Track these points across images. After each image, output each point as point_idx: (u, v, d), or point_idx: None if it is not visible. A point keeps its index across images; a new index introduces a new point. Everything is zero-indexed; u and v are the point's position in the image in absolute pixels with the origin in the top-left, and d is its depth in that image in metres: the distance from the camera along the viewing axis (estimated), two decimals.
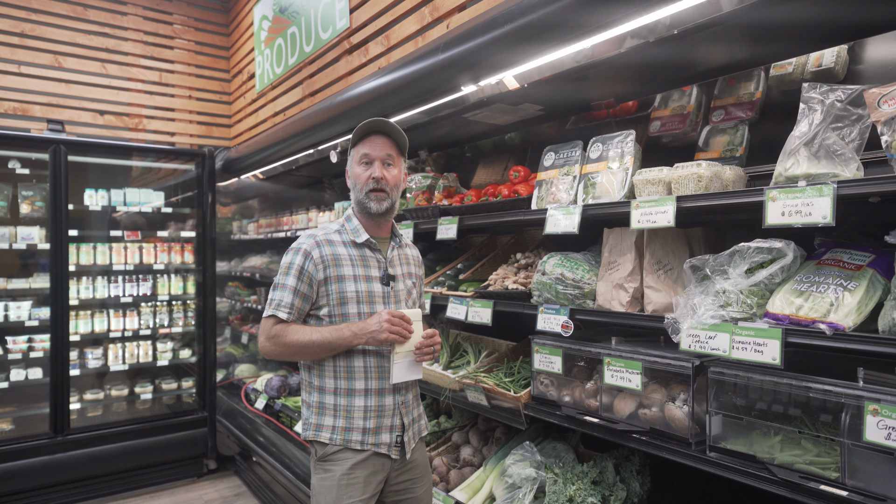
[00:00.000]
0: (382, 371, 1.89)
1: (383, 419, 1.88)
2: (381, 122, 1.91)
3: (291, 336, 1.83)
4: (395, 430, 1.91)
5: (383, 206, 1.91)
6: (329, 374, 1.88)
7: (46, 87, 5.00)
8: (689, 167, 1.74)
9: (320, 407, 1.90)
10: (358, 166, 1.93)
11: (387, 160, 1.92)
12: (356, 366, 1.87)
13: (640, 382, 1.81)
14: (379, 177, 1.89)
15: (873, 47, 1.79)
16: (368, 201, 1.90)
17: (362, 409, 1.86)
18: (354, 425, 1.86)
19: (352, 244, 1.93)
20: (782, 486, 1.42)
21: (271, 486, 3.93)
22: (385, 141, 1.93)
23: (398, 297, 1.96)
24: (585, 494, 2.00)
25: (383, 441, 1.88)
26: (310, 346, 1.82)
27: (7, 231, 4.15)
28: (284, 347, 1.84)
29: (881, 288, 1.43)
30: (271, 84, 5.03)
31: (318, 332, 1.83)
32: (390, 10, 3.40)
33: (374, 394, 1.87)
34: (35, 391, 4.25)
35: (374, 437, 1.87)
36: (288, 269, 1.87)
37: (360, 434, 1.86)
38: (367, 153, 1.91)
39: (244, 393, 4.70)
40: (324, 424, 1.88)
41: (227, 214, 5.66)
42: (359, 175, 1.92)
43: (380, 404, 1.88)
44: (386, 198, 1.91)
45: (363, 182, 1.91)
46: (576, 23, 1.74)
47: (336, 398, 1.87)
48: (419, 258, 2.17)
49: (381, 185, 1.90)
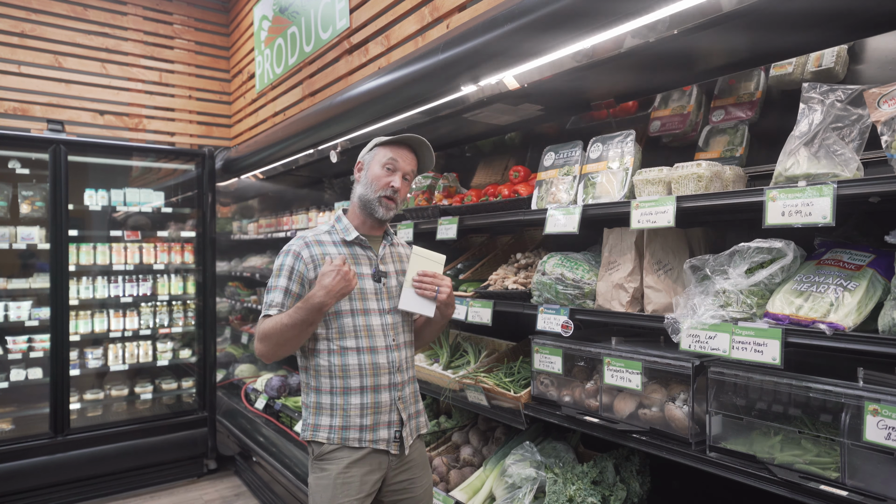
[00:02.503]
0: (377, 368, 1.88)
1: (380, 416, 1.88)
2: (419, 141, 1.97)
3: (268, 329, 1.78)
4: (392, 425, 1.90)
5: (390, 214, 1.96)
6: (324, 374, 1.88)
7: (46, 87, 4.99)
8: (689, 167, 1.74)
9: (317, 407, 1.90)
10: (380, 168, 1.93)
11: (407, 175, 1.97)
12: (350, 364, 1.86)
13: (640, 382, 1.81)
14: (398, 188, 1.92)
15: (873, 47, 1.79)
16: (378, 206, 1.92)
17: (359, 407, 1.86)
18: (351, 423, 1.85)
19: (342, 243, 1.94)
20: (782, 486, 1.42)
21: (271, 486, 3.93)
22: (413, 157, 1.99)
23: (391, 294, 1.97)
24: (585, 494, 2.00)
25: (381, 437, 1.88)
26: (286, 331, 1.75)
27: (7, 231, 4.15)
28: (268, 341, 1.79)
29: (881, 288, 1.43)
30: (271, 84, 5.03)
31: (287, 316, 1.76)
32: (390, 10, 3.40)
33: (369, 391, 1.87)
34: (35, 391, 4.25)
35: (371, 433, 1.87)
36: (279, 270, 1.88)
37: (357, 432, 1.86)
38: (395, 160, 1.93)
39: (244, 393, 4.70)
40: (321, 424, 1.88)
41: (227, 214, 5.66)
42: (379, 177, 1.92)
43: (376, 401, 1.88)
44: (394, 208, 1.96)
45: (381, 186, 1.91)
46: (576, 23, 1.74)
47: (332, 397, 1.87)
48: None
49: (395, 196, 1.93)
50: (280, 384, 4.34)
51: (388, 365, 1.91)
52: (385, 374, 1.89)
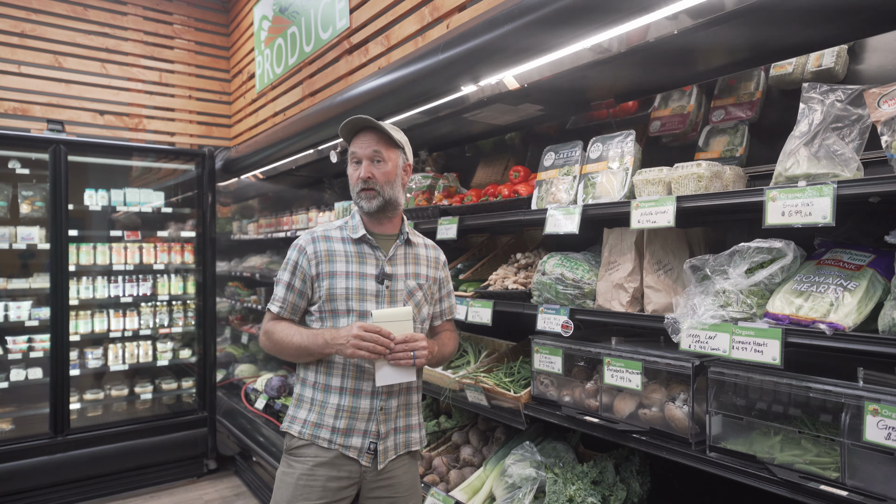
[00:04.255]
0: (361, 371, 1.82)
1: (355, 422, 1.81)
2: (362, 119, 1.85)
3: (278, 334, 1.84)
4: (368, 435, 1.82)
5: (373, 204, 1.84)
6: (311, 367, 1.87)
7: (46, 87, 5.00)
8: (689, 167, 1.74)
9: (299, 399, 1.89)
10: (350, 166, 1.91)
11: (375, 157, 1.85)
12: (336, 361, 1.83)
13: (640, 382, 1.81)
14: (366, 176, 1.83)
15: (873, 47, 1.79)
16: (360, 200, 1.87)
17: (335, 407, 1.82)
18: (325, 422, 1.81)
19: (349, 240, 1.90)
20: (782, 486, 1.42)
21: (271, 486, 3.92)
22: (371, 137, 1.86)
23: (394, 297, 1.88)
24: (585, 494, 2.00)
25: (353, 444, 1.81)
26: (290, 347, 1.81)
27: (7, 231, 4.15)
28: (273, 344, 1.86)
29: (881, 288, 1.43)
30: (271, 84, 5.03)
31: (299, 335, 1.80)
32: (390, 10, 3.40)
33: (348, 393, 1.82)
34: (35, 391, 4.25)
35: (343, 437, 1.81)
36: (285, 264, 1.89)
37: (328, 432, 1.81)
38: (354, 152, 1.88)
39: (244, 393, 4.70)
40: (297, 416, 1.86)
41: (227, 214, 5.66)
42: (350, 175, 1.90)
43: (353, 405, 1.82)
44: (376, 196, 1.84)
45: (354, 182, 1.88)
46: (576, 22, 1.74)
47: (314, 392, 1.86)
48: (438, 259, 2.05)
49: (369, 184, 1.84)
50: (280, 384, 4.34)
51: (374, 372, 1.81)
52: (368, 381, 1.82)
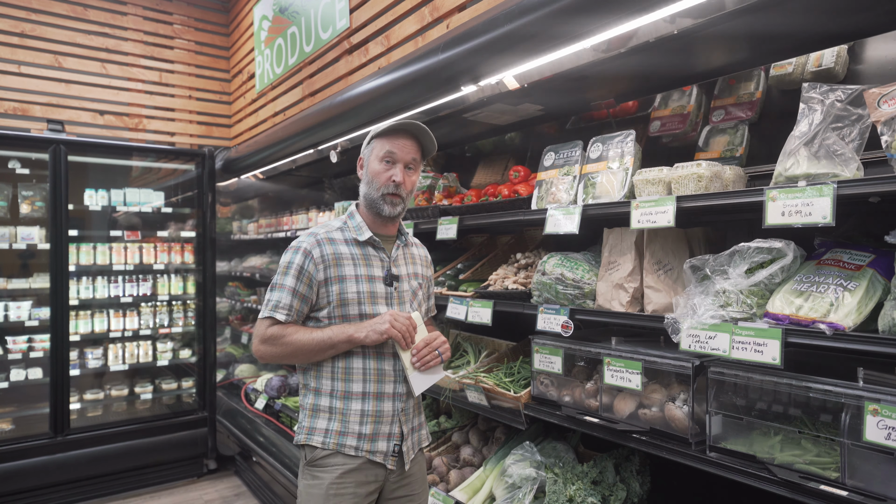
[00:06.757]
0: (382, 374, 1.80)
1: (381, 426, 1.79)
2: (414, 125, 1.81)
3: (290, 336, 1.74)
4: (392, 437, 1.81)
5: (396, 210, 1.82)
6: (326, 376, 1.80)
7: (46, 87, 4.99)
8: (689, 167, 1.74)
9: (314, 409, 1.81)
10: (379, 163, 1.81)
11: (410, 164, 1.83)
12: (355, 367, 1.78)
13: (640, 382, 1.81)
14: (400, 181, 1.79)
15: (873, 47, 1.79)
16: (383, 203, 1.81)
17: (359, 414, 1.77)
18: (350, 430, 1.77)
19: (354, 242, 1.83)
20: (782, 486, 1.42)
21: (271, 486, 3.93)
22: (413, 144, 1.83)
23: (402, 298, 1.86)
24: (585, 494, 2.00)
25: (379, 449, 1.79)
26: (310, 344, 1.73)
27: (7, 231, 4.15)
28: (283, 348, 1.75)
29: (881, 288, 1.43)
30: (271, 84, 5.03)
31: (320, 330, 1.76)
32: (390, 10, 3.40)
33: (371, 398, 1.78)
34: (35, 391, 4.25)
35: (369, 443, 1.77)
36: (287, 268, 1.78)
37: (355, 439, 1.76)
38: (392, 152, 1.80)
39: (244, 393, 4.70)
40: (316, 427, 1.79)
41: (227, 214, 5.66)
42: (378, 173, 1.81)
43: (378, 409, 1.79)
44: (400, 203, 1.83)
45: (382, 182, 1.80)
46: (576, 21, 1.74)
47: (332, 400, 1.79)
48: (427, 258, 2.07)
49: (399, 190, 1.80)
50: (280, 384, 4.34)
51: (395, 373, 1.82)
52: (390, 383, 1.81)
